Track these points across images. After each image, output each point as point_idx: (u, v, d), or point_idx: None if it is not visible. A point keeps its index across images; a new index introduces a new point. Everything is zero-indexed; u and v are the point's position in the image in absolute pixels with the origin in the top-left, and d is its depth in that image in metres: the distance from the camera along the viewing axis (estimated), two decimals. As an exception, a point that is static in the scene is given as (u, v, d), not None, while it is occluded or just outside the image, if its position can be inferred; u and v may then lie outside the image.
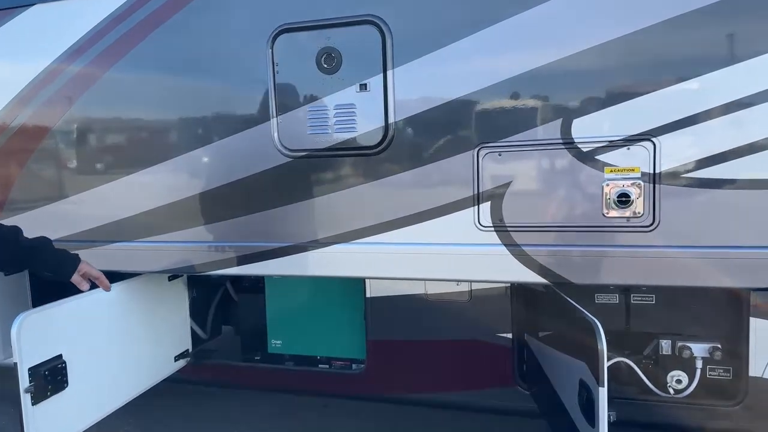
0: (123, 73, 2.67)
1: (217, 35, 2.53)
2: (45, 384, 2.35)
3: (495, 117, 2.22)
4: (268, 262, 2.58)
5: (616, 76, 2.10)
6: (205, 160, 2.60)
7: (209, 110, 2.61)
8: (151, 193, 2.69)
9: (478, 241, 2.26)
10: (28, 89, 2.80)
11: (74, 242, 2.83)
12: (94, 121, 2.80)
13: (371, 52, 2.32)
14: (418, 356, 3.01)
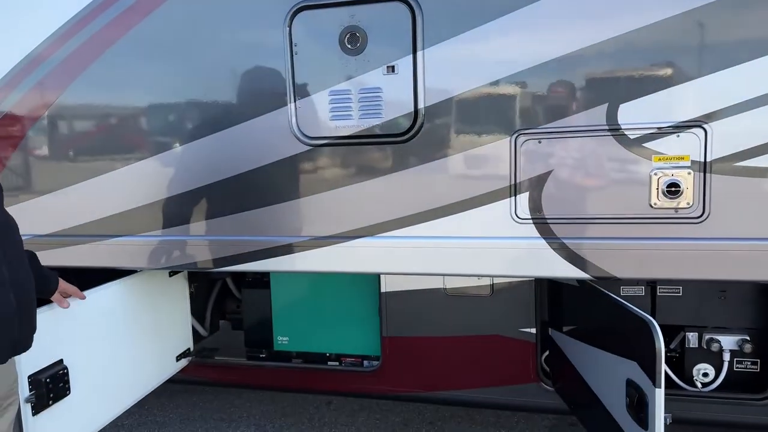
0: (124, 53, 2.46)
1: (229, 12, 2.33)
2: (46, 392, 2.16)
3: (535, 101, 2.09)
4: (284, 258, 2.42)
5: (666, 59, 1.98)
6: (215, 148, 2.41)
7: (220, 95, 2.42)
8: (156, 184, 2.50)
9: (514, 234, 2.13)
10: (21, 67, 2.57)
11: (70, 237, 2.63)
12: (93, 107, 2.59)
13: (400, 31, 2.16)
14: (437, 353, 2.90)
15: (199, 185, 2.45)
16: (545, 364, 2.83)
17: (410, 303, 2.89)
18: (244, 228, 2.44)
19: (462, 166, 2.18)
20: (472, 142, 2.16)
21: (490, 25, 2.08)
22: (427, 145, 2.21)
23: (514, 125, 2.11)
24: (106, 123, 2.60)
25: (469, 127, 2.16)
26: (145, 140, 2.54)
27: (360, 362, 3.20)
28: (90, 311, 2.46)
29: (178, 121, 2.49)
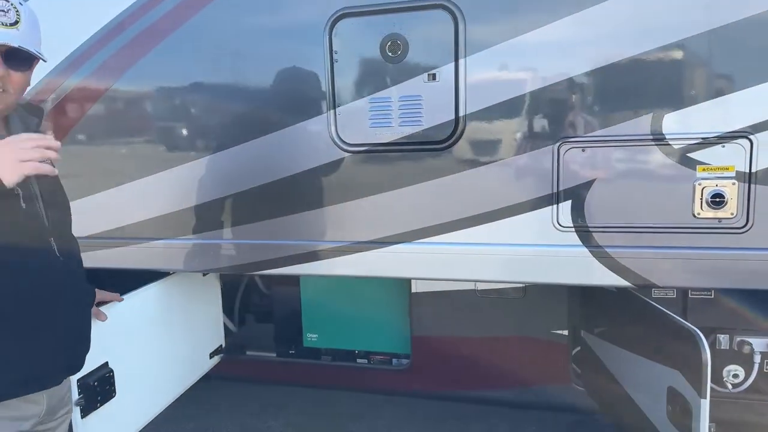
0: (163, 58, 2.46)
1: (271, 20, 2.33)
2: (94, 395, 2.22)
3: (579, 110, 2.09)
4: (322, 262, 2.44)
5: (712, 69, 1.98)
6: (255, 154, 2.43)
7: (260, 101, 2.43)
8: (196, 188, 2.52)
9: (556, 242, 2.14)
10: (69, 62, 2.59)
11: (110, 239, 2.66)
12: (134, 112, 2.60)
13: (442, 39, 2.15)
14: (467, 353, 2.94)
15: (238, 190, 2.47)
16: (575, 365, 2.87)
17: (441, 303, 2.92)
18: (282, 232, 2.47)
19: (503, 173, 2.18)
20: (514, 150, 2.17)
21: (533, 32, 2.07)
22: (468, 152, 2.21)
23: (557, 133, 2.11)
24: (146, 126, 2.62)
25: (511, 134, 2.16)
26: (185, 145, 2.56)
27: (389, 360, 3.24)
28: (131, 314, 2.51)
29: (219, 127, 2.50)
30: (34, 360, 1.53)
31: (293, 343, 3.41)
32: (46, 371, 1.58)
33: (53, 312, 1.58)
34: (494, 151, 2.19)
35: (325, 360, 3.34)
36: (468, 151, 2.21)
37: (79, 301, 1.72)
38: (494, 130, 2.18)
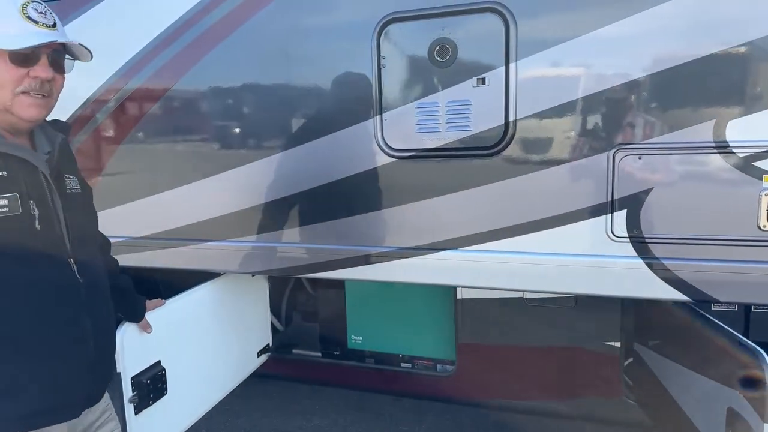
0: (214, 66, 2.52)
1: (319, 26, 2.34)
2: (147, 393, 2.29)
3: (636, 116, 2.00)
4: (367, 267, 2.44)
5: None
6: (302, 159, 2.45)
7: (307, 107, 2.44)
8: (245, 192, 2.56)
9: (610, 252, 2.07)
10: (124, 71, 2.68)
11: (163, 240, 2.75)
12: (186, 117, 2.67)
13: (492, 43, 2.11)
14: (515, 362, 2.88)
15: (285, 194, 2.50)
16: (627, 378, 2.77)
17: (488, 311, 2.87)
18: (328, 236, 2.48)
19: (554, 180, 2.12)
20: (566, 157, 2.10)
21: (588, 36, 2.00)
22: (518, 159, 2.16)
23: (612, 140, 2.03)
24: (196, 131, 2.69)
25: (564, 141, 2.10)
26: (234, 150, 2.61)
27: (433, 366, 3.22)
28: (182, 314, 2.58)
29: (267, 132, 2.54)
30: (49, 390, 1.43)
31: (338, 345, 3.42)
32: (62, 402, 1.47)
33: (71, 338, 1.47)
34: (545, 157, 2.13)
35: (369, 362, 3.34)
36: (518, 157, 2.16)
37: (102, 326, 1.58)
38: (545, 136, 2.12)
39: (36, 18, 1.36)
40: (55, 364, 1.44)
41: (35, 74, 1.37)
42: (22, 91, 1.37)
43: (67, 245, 1.47)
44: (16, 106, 1.38)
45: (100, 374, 1.59)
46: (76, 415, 1.52)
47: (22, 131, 1.46)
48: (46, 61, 1.39)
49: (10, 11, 1.34)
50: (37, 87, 1.38)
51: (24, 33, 1.33)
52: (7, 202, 1.32)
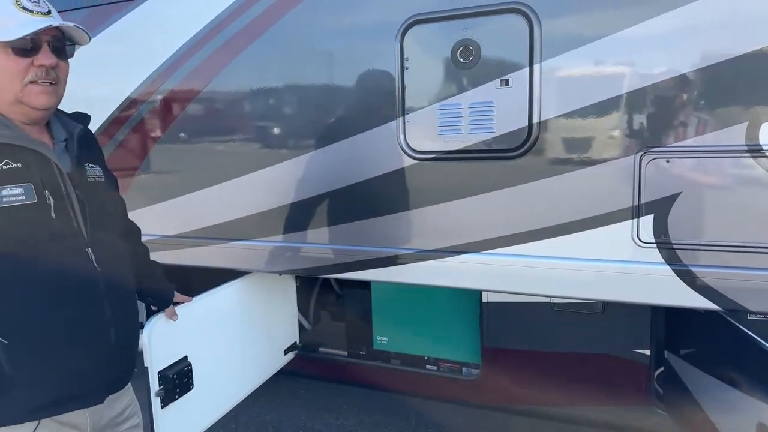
0: (239, 69, 2.57)
1: (343, 28, 2.36)
2: (173, 387, 2.35)
3: (664, 118, 1.94)
4: (388, 269, 2.45)
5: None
6: (325, 160, 2.47)
7: (331, 109, 2.46)
8: (271, 192, 2.60)
9: (635, 258, 2.01)
10: (155, 78, 2.76)
11: (194, 239, 2.82)
12: (215, 120, 2.73)
13: (516, 44, 2.08)
14: (541, 367, 2.83)
15: (310, 195, 2.52)
16: (658, 386, 2.68)
17: (514, 315, 2.83)
18: (351, 237, 2.49)
19: (579, 184, 2.07)
20: (591, 160, 2.05)
21: (613, 36, 1.94)
22: (541, 161, 2.12)
23: (639, 143, 1.98)
24: (223, 133, 2.74)
25: (589, 143, 2.05)
26: (260, 152, 2.65)
27: (459, 369, 3.19)
28: (209, 311, 2.63)
29: (291, 134, 2.57)
30: (70, 378, 1.45)
31: (364, 345, 3.44)
32: (84, 389, 1.49)
33: (90, 326, 1.49)
34: (570, 160, 2.08)
35: (395, 363, 3.34)
36: (541, 159, 2.12)
37: (122, 315, 1.59)
38: (570, 139, 2.08)
39: (30, 7, 1.39)
40: (75, 353, 1.46)
41: (39, 62, 1.40)
42: (30, 80, 1.40)
43: (85, 235, 1.49)
44: (26, 96, 1.41)
45: (122, 362, 1.61)
46: (100, 401, 1.56)
47: (37, 121, 1.49)
48: (48, 49, 1.42)
49: (5, 4, 1.37)
50: (43, 75, 1.41)
51: (20, 23, 1.36)
52: (23, 191, 1.36)
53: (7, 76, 1.39)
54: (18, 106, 1.43)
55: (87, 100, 2.98)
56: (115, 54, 2.87)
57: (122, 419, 1.71)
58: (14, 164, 1.37)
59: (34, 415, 1.42)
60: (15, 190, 1.35)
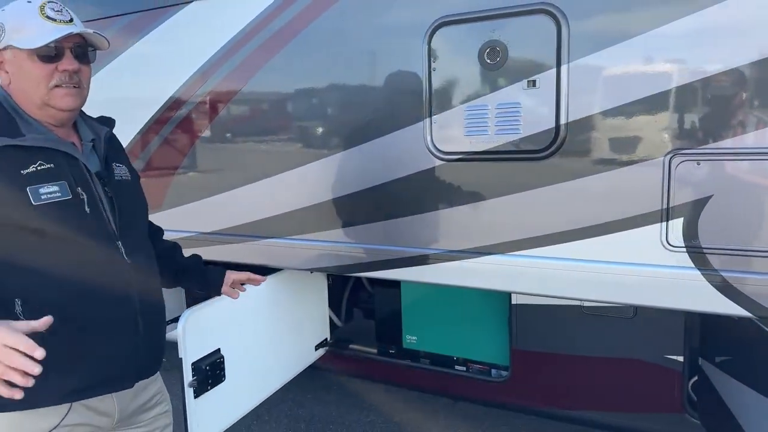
0: (272, 72, 2.64)
1: (370, 30, 2.39)
2: (206, 378, 2.43)
3: (695, 119, 1.89)
4: (413, 269, 2.47)
5: None
6: (353, 161, 2.52)
7: (359, 111, 2.51)
8: (301, 192, 2.67)
9: (664, 262, 1.97)
10: (188, 86, 2.87)
11: (229, 235, 2.91)
12: (249, 120, 2.82)
13: (543, 44, 2.07)
14: (570, 371, 2.79)
15: (339, 195, 2.58)
16: (693, 394, 2.61)
17: (543, 318, 2.80)
18: (379, 237, 2.53)
19: (606, 186, 2.04)
20: (618, 161, 2.02)
21: (643, 36, 1.91)
22: (568, 163, 2.10)
23: (669, 144, 1.94)
24: (251, 137, 2.83)
25: (616, 145, 2.02)
26: (291, 152, 2.72)
27: (488, 370, 3.18)
28: (243, 305, 2.71)
29: (321, 134, 2.63)
30: (100, 364, 1.53)
31: (393, 343, 3.46)
32: (113, 375, 1.58)
33: (120, 315, 1.57)
34: (597, 161, 2.06)
35: (424, 363, 3.35)
36: (568, 161, 2.10)
37: (150, 304, 1.67)
38: (598, 140, 2.05)
39: (53, 16, 1.47)
40: (105, 340, 1.54)
41: (63, 68, 1.49)
42: (54, 84, 1.49)
43: (115, 229, 1.57)
44: (52, 99, 1.50)
45: (149, 350, 1.68)
46: (129, 386, 1.63)
47: (63, 122, 1.58)
48: (71, 55, 1.51)
49: (30, 14, 1.47)
50: (66, 79, 1.50)
51: (44, 31, 1.45)
52: (59, 188, 1.45)
53: (33, 80, 1.48)
54: (45, 109, 1.52)
55: (130, 100, 3.14)
56: (159, 55, 3.01)
57: (150, 406, 1.79)
58: (48, 164, 1.47)
59: (66, 398, 1.51)
60: (52, 188, 1.44)
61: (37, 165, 1.45)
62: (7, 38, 1.47)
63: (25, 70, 1.48)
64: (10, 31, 1.47)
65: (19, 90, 1.52)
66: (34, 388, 1.42)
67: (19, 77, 1.50)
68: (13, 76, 1.50)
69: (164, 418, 1.87)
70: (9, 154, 1.43)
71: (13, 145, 1.44)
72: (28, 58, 1.47)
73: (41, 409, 1.50)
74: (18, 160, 1.44)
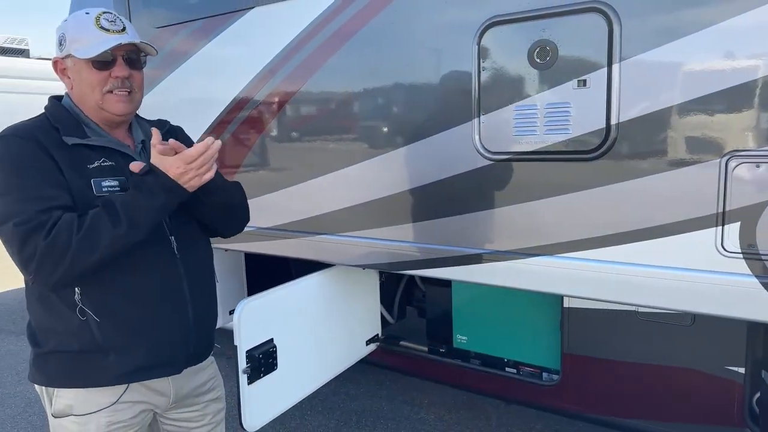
0: (327, 73, 2.73)
1: (421, 32, 2.43)
2: (259, 366, 2.56)
3: (754, 119, 1.80)
4: (460, 268, 2.48)
5: None
6: (401, 161, 2.56)
7: (409, 110, 2.55)
8: (352, 190, 2.74)
9: (718, 268, 1.89)
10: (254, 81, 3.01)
11: (284, 231, 3.04)
12: (306, 121, 2.93)
13: (594, 43, 2.03)
14: (623, 378, 2.72)
15: (390, 193, 2.62)
16: (756, 407, 2.48)
17: (596, 322, 2.74)
18: (428, 235, 2.56)
19: (658, 188, 1.98)
20: (671, 163, 1.95)
21: (698, 34, 1.84)
22: (619, 164, 2.05)
23: (725, 146, 1.86)
24: (307, 136, 2.93)
25: (670, 146, 1.95)
26: (343, 150, 2.80)
27: (539, 373, 3.14)
28: (296, 298, 2.83)
29: (372, 133, 2.69)
30: (151, 349, 1.65)
31: (444, 342, 3.48)
32: (163, 360, 1.69)
33: (171, 305, 1.68)
34: (649, 163, 2.00)
35: (474, 363, 3.35)
36: (619, 162, 2.05)
37: (200, 295, 1.77)
38: (650, 141, 1.99)
39: (107, 26, 1.59)
40: (158, 327, 1.66)
41: (115, 74, 1.62)
42: (108, 90, 1.62)
43: (167, 224, 1.68)
44: (106, 104, 1.63)
45: (199, 338, 1.78)
46: (178, 371, 1.75)
47: (118, 125, 1.72)
48: (122, 62, 1.63)
49: (87, 25, 1.59)
50: (119, 85, 1.62)
51: (99, 41, 1.57)
52: (118, 183, 1.59)
53: (89, 86, 1.62)
54: (101, 112, 1.67)
55: (198, 101, 3.33)
56: (224, 57, 3.18)
57: (204, 390, 1.92)
58: (109, 162, 1.63)
59: (123, 379, 1.66)
60: (112, 182, 1.59)
61: (100, 161, 1.61)
62: (68, 47, 1.61)
63: (83, 77, 1.62)
64: (70, 41, 1.60)
65: (79, 95, 1.66)
66: (95, 368, 1.58)
67: (79, 83, 1.64)
68: (74, 82, 1.65)
69: (217, 403, 2.00)
70: (79, 151, 1.59)
71: (82, 143, 1.61)
72: (85, 66, 1.60)
73: (101, 388, 1.65)
74: (85, 156, 1.60)
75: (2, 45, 10.75)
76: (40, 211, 1.43)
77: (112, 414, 1.65)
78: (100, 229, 1.45)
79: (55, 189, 1.49)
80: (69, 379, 1.65)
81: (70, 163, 1.55)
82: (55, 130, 1.59)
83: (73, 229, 1.43)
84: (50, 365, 1.65)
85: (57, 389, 1.66)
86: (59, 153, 1.54)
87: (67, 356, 1.62)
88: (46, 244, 1.41)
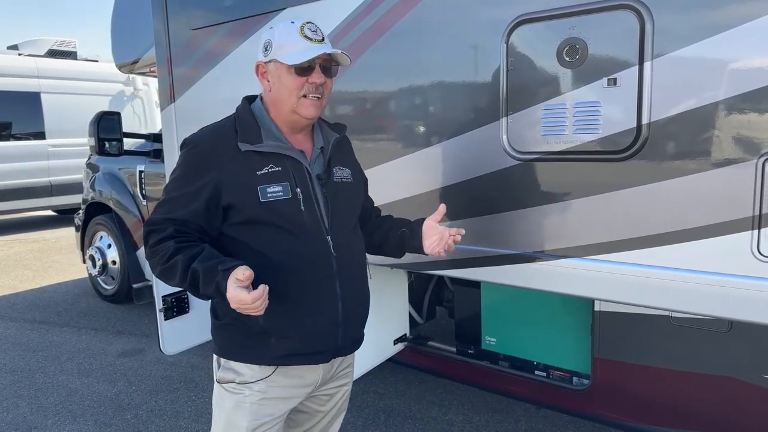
0: (354, 74, 2.74)
1: (449, 31, 2.42)
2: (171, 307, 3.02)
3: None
4: (487, 269, 2.47)
5: None
6: (427, 160, 2.56)
7: (435, 110, 2.54)
8: (378, 190, 2.74)
9: (754, 273, 1.82)
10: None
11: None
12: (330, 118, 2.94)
13: (625, 41, 1.98)
14: (655, 384, 2.65)
15: (416, 193, 2.63)
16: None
17: (627, 326, 2.68)
18: (455, 236, 2.54)
19: (691, 190, 1.92)
20: (704, 164, 1.89)
21: (733, 31, 1.78)
22: (650, 165, 2.00)
23: (761, 146, 1.79)
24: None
25: (702, 146, 1.89)
26: (372, 150, 2.81)
27: (569, 378, 3.09)
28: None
29: (399, 133, 2.70)
30: (305, 337, 1.76)
31: (472, 344, 3.46)
32: (315, 349, 1.80)
33: (324, 298, 1.77)
34: (681, 164, 1.94)
35: (503, 365, 3.32)
36: (651, 162, 2.00)
37: (351, 293, 1.84)
38: (682, 141, 1.93)
39: (311, 36, 1.70)
40: (311, 318, 1.76)
41: (312, 81, 1.71)
42: (302, 95, 1.72)
43: (325, 225, 1.77)
44: (299, 108, 1.73)
45: (349, 332, 1.87)
46: (326, 361, 1.86)
47: (303, 128, 1.83)
48: (319, 70, 1.72)
49: (293, 34, 1.70)
50: (313, 90, 1.72)
51: (304, 49, 1.68)
52: (282, 188, 1.70)
53: (287, 90, 1.72)
54: (292, 116, 1.77)
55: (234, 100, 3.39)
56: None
57: (340, 375, 2.01)
58: (277, 168, 1.71)
59: (279, 360, 1.77)
60: (277, 188, 1.69)
61: (269, 167, 1.70)
62: (273, 53, 1.71)
63: (283, 81, 1.72)
64: (276, 48, 1.71)
65: (275, 97, 1.76)
66: (257, 347, 1.76)
67: (277, 87, 1.74)
68: (273, 85, 1.75)
69: (346, 387, 2.09)
70: (250, 157, 1.70)
71: (254, 150, 1.70)
72: (286, 71, 1.71)
73: (255, 365, 1.78)
74: (256, 163, 1.70)
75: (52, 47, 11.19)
76: (166, 220, 1.69)
77: (265, 390, 1.78)
78: (175, 273, 1.63)
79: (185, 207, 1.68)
80: (234, 353, 1.80)
81: (240, 170, 1.69)
82: (236, 132, 1.72)
83: (164, 258, 1.64)
84: (222, 337, 1.83)
85: (224, 359, 1.83)
86: (231, 162, 1.69)
87: (236, 332, 1.77)
88: (149, 252, 1.69)
